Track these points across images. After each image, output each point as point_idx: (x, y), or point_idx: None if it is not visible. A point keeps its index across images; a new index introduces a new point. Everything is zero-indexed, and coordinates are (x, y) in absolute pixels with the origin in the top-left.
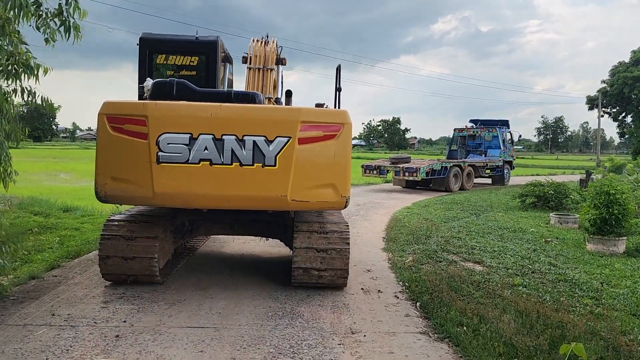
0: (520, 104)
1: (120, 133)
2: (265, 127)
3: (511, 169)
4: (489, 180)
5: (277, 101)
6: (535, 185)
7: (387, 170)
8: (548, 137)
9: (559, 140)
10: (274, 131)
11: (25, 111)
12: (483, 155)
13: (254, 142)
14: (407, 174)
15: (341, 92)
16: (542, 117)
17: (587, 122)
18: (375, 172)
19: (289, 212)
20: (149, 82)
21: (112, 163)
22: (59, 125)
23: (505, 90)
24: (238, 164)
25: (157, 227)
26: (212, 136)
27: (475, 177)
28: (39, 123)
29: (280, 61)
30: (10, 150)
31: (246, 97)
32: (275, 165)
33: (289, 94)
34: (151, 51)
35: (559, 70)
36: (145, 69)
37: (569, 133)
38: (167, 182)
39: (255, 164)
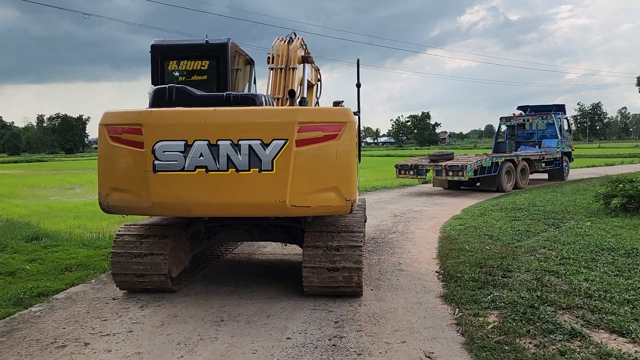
0: (553, 92)
1: (119, 143)
2: (261, 130)
3: (570, 161)
4: (545, 175)
5: (303, 101)
6: (622, 181)
7: (427, 170)
8: (586, 124)
9: (597, 127)
10: (269, 134)
11: (57, 125)
12: (537, 146)
13: (250, 146)
14: (450, 173)
15: (360, 88)
16: (578, 104)
17: (625, 108)
18: (412, 172)
19: (306, 217)
20: (151, 90)
21: (113, 173)
22: (89, 137)
23: (537, 79)
24: (234, 169)
25: (168, 231)
26: (207, 142)
27: (531, 173)
28: (70, 135)
29: (305, 59)
30: (36, 164)
31: (246, 100)
32: (272, 170)
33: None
34: (163, 58)
35: (594, 55)
36: (158, 77)
37: (606, 120)
38: (163, 191)
39: (251, 169)
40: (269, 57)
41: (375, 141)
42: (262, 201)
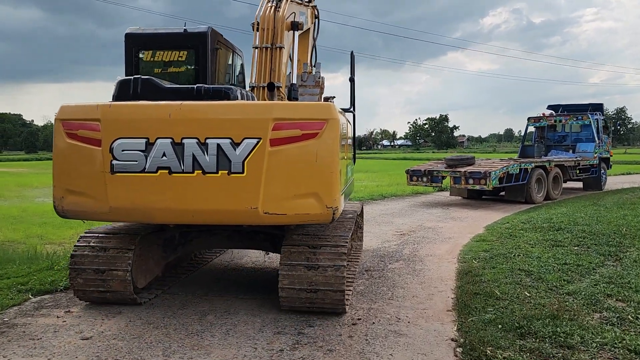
0: (576, 96)
1: (75, 140)
2: (231, 127)
3: (608, 168)
4: (579, 184)
5: (292, 89)
6: None
7: (443, 177)
8: (610, 129)
9: (621, 132)
10: (241, 132)
11: None
12: (570, 151)
13: (218, 145)
14: (471, 180)
15: (355, 83)
16: None
17: None
18: (425, 179)
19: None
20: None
21: (68, 174)
22: None
23: (559, 82)
24: (200, 171)
25: (132, 239)
26: (170, 140)
27: (564, 181)
28: None
29: (296, 25)
30: (45, 162)
31: (218, 94)
32: (243, 172)
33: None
34: (137, 48)
35: (619, 59)
36: (132, 68)
37: (630, 125)
38: (122, 194)
39: (219, 172)
40: (252, 25)
41: (392, 144)
42: (231, 207)
